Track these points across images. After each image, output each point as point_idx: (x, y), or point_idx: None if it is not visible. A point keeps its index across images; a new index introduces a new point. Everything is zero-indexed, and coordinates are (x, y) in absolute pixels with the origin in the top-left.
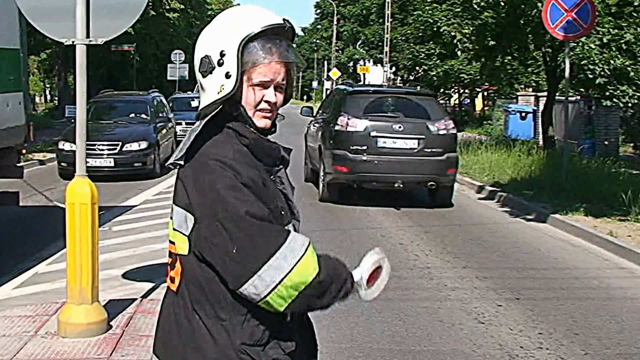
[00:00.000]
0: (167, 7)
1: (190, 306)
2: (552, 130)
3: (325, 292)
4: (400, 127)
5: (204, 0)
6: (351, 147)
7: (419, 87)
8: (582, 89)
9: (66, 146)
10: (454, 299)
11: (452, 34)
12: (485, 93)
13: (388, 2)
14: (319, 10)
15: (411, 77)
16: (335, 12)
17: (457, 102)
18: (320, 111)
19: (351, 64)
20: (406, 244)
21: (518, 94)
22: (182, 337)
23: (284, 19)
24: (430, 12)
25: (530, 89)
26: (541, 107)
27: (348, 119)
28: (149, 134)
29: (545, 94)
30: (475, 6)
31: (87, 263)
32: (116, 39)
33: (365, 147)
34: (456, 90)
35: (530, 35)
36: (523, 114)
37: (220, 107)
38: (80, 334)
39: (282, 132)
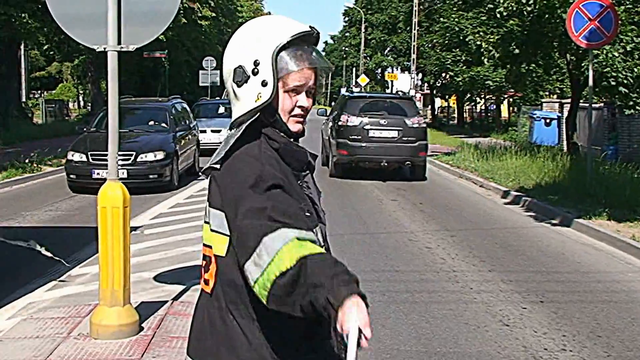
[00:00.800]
0: (199, 14)
1: (224, 306)
2: (576, 137)
3: (293, 291)
4: (385, 121)
5: (235, 8)
6: (350, 137)
7: (400, 93)
8: (605, 97)
9: (75, 157)
10: (479, 301)
11: (478, 42)
12: (511, 99)
13: (415, 11)
14: (347, 18)
15: (438, 84)
16: (364, 20)
17: (483, 108)
18: (331, 112)
19: (379, 70)
20: (433, 247)
21: (543, 100)
22: (217, 337)
23: (310, 26)
24: (456, 20)
25: (555, 96)
26: (565, 113)
27: (348, 116)
28: (167, 144)
29: (569, 100)
30: (499, 15)
31: (119, 266)
32: (148, 45)
33: (360, 137)
34: (482, 97)
35: (554, 43)
36: (548, 121)
37: (257, 115)
38: (112, 335)
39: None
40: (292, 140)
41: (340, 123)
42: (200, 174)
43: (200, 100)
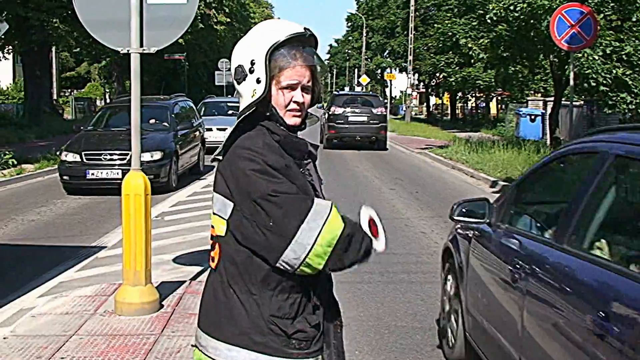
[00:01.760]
0: (215, 20)
1: (226, 282)
2: (558, 132)
3: (351, 245)
4: (359, 110)
5: (248, 15)
6: (336, 121)
7: (370, 92)
8: (585, 96)
9: (69, 157)
10: None
11: (469, 46)
12: (499, 98)
13: (412, 17)
14: (350, 24)
15: (432, 83)
16: (365, 25)
17: (474, 105)
18: (325, 105)
19: (379, 71)
20: (427, 232)
21: (528, 99)
22: (219, 309)
23: (305, 28)
24: (449, 25)
25: (539, 95)
26: (549, 110)
27: (335, 107)
28: (166, 143)
29: (552, 99)
30: (489, 20)
31: (141, 248)
32: (168, 48)
33: (342, 121)
34: (473, 95)
35: (539, 47)
36: (532, 117)
37: (255, 108)
38: (134, 312)
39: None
40: (291, 132)
41: (330, 112)
42: (213, 159)
43: (206, 98)
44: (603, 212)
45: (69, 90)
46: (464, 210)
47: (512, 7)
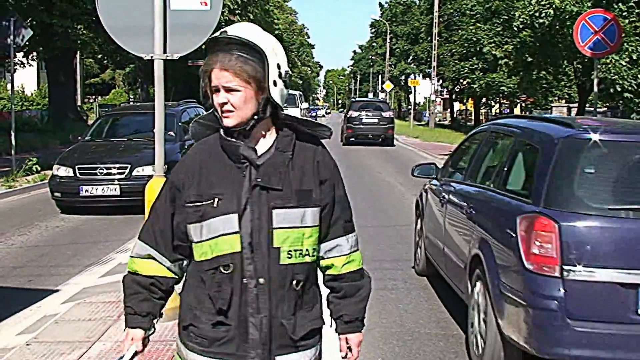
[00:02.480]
0: None
1: None
2: None
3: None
4: (371, 113)
5: (271, 21)
6: (353, 122)
7: (381, 97)
8: (608, 102)
9: (61, 171)
10: None
11: (493, 52)
12: (523, 104)
13: (435, 23)
14: (373, 30)
15: (456, 89)
16: (389, 31)
17: (498, 111)
18: (345, 109)
19: (403, 77)
20: None
21: (552, 105)
22: None
23: (221, 32)
24: (473, 31)
25: (563, 101)
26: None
27: (352, 111)
28: (171, 155)
29: (576, 105)
30: (514, 27)
31: None
32: (192, 54)
33: (357, 122)
34: (497, 101)
35: (563, 53)
36: None
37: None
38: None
39: (332, 122)
40: (232, 134)
41: (348, 115)
42: None
43: None
44: (485, 163)
45: (94, 96)
46: (420, 171)
47: (537, 14)
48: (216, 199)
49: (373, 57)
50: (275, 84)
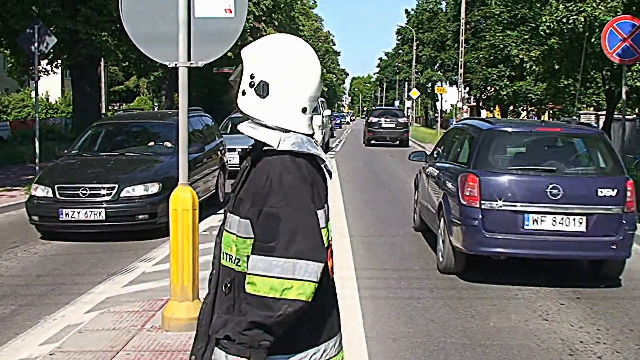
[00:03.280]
0: (264, 33)
1: None
2: None
3: None
4: (388, 119)
5: (297, 28)
6: (373, 126)
7: (397, 107)
8: (638, 108)
9: (39, 191)
10: (520, 298)
11: (520, 57)
12: (551, 111)
13: (462, 29)
14: (400, 37)
15: (483, 97)
16: (415, 38)
17: (525, 119)
18: (366, 115)
19: (429, 84)
20: None
21: (580, 112)
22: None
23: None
24: (500, 37)
25: (591, 108)
26: (601, 124)
27: (372, 117)
28: (167, 172)
29: (604, 112)
30: (543, 33)
31: (189, 263)
32: (217, 61)
33: (377, 126)
34: (524, 109)
35: (591, 60)
36: None
37: None
38: (182, 328)
39: (357, 129)
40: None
41: (369, 120)
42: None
43: (233, 112)
44: (450, 147)
45: (118, 104)
46: (414, 156)
47: (565, 20)
48: None
49: (399, 65)
50: (243, 93)
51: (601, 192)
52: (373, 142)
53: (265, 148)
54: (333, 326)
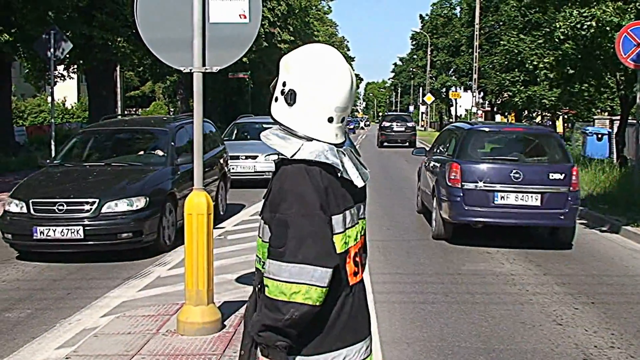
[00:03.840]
0: (279, 38)
1: None
2: (626, 151)
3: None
4: (399, 123)
5: (312, 33)
6: (385, 130)
7: (406, 112)
8: None
9: (12, 206)
10: (534, 302)
11: (535, 62)
12: (565, 116)
13: (476, 35)
14: (414, 42)
15: (498, 102)
16: (429, 43)
17: (539, 124)
18: (379, 121)
19: (444, 90)
20: (492, 252)
21: (595, 117)
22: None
23: None
24: (515, 43)
25: (606, 113)
26: (615, 129)
27: (384, 122)
28: (155, 184)
29: (619, 117)
30: (557, 38)
31: (203, 268)
32: (232, 67)
33: (389, 130)
34: (539, 114)
35: (606, 65)
36: (599, 136)
37: None
38: (197, 332)
39: (372, 134)
40: None
41: (382, 125)
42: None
43: (239, 118)
44: (443, 144)
45: (134, 109)
46: (416, 151)
47: (579, 25)
48: None
49: (414, 70)
50: (276, 100)
51: (552, 176)
52: (386, 144)
53: (281, 157)
54: (358, 330)
